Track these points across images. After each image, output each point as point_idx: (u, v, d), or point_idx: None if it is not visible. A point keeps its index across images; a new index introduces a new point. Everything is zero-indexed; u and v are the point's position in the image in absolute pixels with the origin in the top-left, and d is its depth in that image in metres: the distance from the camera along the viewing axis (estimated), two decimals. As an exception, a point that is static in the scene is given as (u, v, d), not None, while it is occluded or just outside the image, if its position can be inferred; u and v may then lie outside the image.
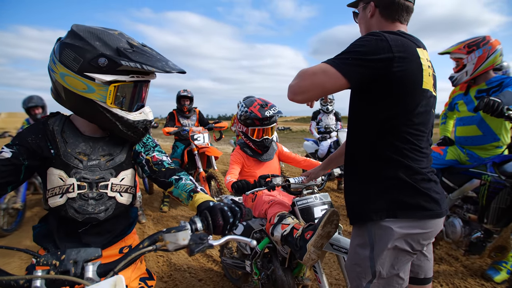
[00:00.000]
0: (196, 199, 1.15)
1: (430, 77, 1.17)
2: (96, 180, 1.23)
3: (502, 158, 2.29)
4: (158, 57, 1.13)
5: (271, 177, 1.71)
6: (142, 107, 1.24)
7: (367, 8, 1.30)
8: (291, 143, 15.66)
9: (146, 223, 4.22)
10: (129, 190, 1.32)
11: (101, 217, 1.24)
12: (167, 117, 4.97)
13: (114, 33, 1.13)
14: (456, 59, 2.56)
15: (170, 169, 1.32)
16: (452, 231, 2.56)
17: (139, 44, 1.15)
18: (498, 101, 1.99)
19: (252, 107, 2.18)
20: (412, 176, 1.15)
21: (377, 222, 1.16)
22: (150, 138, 1.41)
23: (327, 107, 5.84)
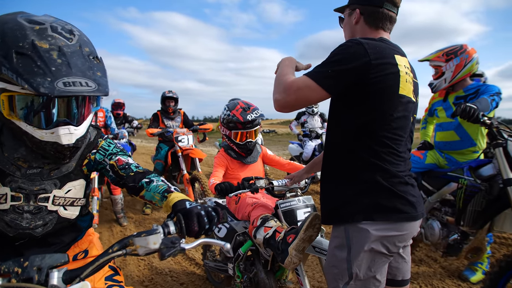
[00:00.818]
0: (171, 198, 1.06)
1: (408, 83, 1.20)
2: (34, 191, 1.06)
3: (478, 162, 2.37)
4: (73, 70, 0.88)
5: (255, 179, 1.71)
6: (67, 125, 0.98)
7: (353, 14, 1.33)
8: (277, 146, 15.72)
9: (128, 226, 4.14)
10: (76, 202, 1.17)
11: (37, 233, 1.09)
12: (151, 118, 4.90)
13: (34, 27, 0.90)
14: (435, 66, 2.65)
15: (139, 172, 1.19)
16: (430, 234, 2.62)
17: (52, 47, 0.89)
18: (474, 107, 2.07)
19: (235, 111, 2.18)
20: (389, 179, 1.17)
21: (354, 224, 1.17)
22: (113, 144, 1.26)
23: (313, 109, 5.90)
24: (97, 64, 0.97)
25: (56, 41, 0.90)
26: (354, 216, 1.17)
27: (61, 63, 0.88)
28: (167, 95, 4.79)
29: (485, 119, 2.11)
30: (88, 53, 0.96)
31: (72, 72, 0.88)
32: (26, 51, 0.86)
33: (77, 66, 0.90)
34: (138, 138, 18.51)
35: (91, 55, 0.97)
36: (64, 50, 0.90)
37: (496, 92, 2.41)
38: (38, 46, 0.87)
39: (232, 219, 2.11)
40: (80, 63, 0.91)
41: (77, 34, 0.97)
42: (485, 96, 2.37)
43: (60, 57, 0.88)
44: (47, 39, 0.89)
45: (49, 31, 0.91)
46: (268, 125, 48.38)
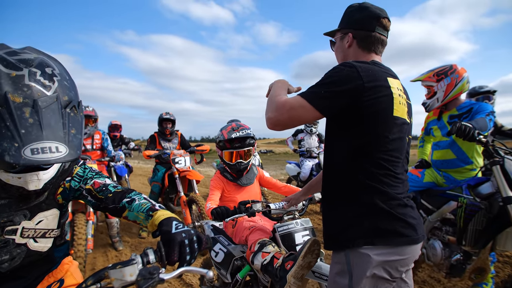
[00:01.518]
0: (157, 216, 1.01)
1: (401, 105, 1.21)
2: (1, 223, 0.98)
3: (476, 180, 2.36)
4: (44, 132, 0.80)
5: (251, 203, 1.69)
6: (37, 169, 0.93)
7: (345, 38, 1.35)
8: (274, 165, 15.68)
9: (123, 250, 4.03)
10: (48, 234, 1.09)
11: (3, 268, 1.00)
12: (148, 139, 4.90)
13: (11, 73, 0.81)
14: (427, 86, 2.71)
15: (117, 192, 1.13)
16: (432, 254, 2.57)
17: (26, 101, 0.80)
18: (469, 126, 2.09)
19: (224, 130, 2.23)
20: (387, 202, 1.16)
21: (355, 249, 1.15)
22: (88, 169, 1.20)
23: (311, 129, 5.92)
24: (73, 117, 0.89)
25: (32, 92, 0.81)
26: (355, 241, 1.15)
27: (32, 123, 0.79)
28: (164, 117, 4.81)
29: (481, 137, 2.12)
30: (65, 103, 0.87)
31: (43, 136, 0.80)
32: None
33: (49, 126, 0.81)
34: (135, 159, 18.42)
35: (69, 106, 0.88)
36: (38, 105, 0.81)
37: (490, 111, 2.45)
38: (11, 100, 0.78)
39: (230, 243, 2.06)
40: (54, 122, 0.83)
41: (57, 79, 0.88)
42: (481, 115, 2.39)
43: (33, 115, 0.80)
44: (22, 90, 0.80)
45: (26, 79, 0.82)
46: (266, 145, 48.39)
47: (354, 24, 1.32)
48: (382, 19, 1.30)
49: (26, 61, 0.85)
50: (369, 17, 1.29)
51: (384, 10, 1.32)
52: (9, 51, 0.88)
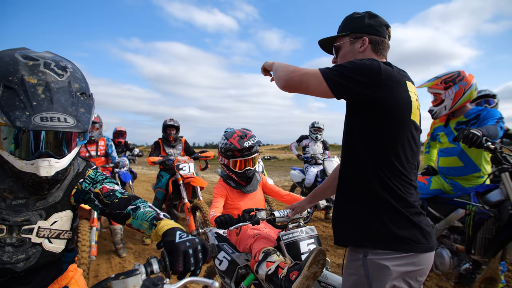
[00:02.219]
0: (160, 226, 1.00)
1: (417, 110, 1.22)
2: (18, 222, 1.02)
3: (485, 187, 2.32)
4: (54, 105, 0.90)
5: (255, 211, 1.66)
6: (47, 157, 0.97)
7: (358, 42, 1.34)
8: (278, 172, 15.63)
9: (127, 257, 4.01)
10: (62, 235, 1.13)
11: (18, 267, 1.03)
12: (152, 146, 4.91)
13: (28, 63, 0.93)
14: (434, 93, 2.66)
15: (124, 198, 1.14)
16: (441, 263, 2.52)
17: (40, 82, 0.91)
18: (477, 133, 2.05)
19: (232, 139, 2.18)
20: (406, 209, 1.15)
21: (373, 260, 1.13)
22: (99, 172, 1.24)
23: (317, 136, 5.90)
24: (83, 101, 1.00)
25: (46, 76, 0.93)
26: (374, 244, 1.14)
27: (44, 98, 0.90)
28: (169, 123, 4.82)
29: (489, 144, 2.09)
30: (76, 89, 0.99)
31: (53, 107, 0.90)
32: (13, 85, 0.89)
33: (60, 101, 0.92)
34: (139, 165, 18.48)
35: (79, 91, 1.00)
36: (51, 86, 0.92)
37: (499, 117, 2.41)
38: (26, 81, 0.90)
39: (234, 251, 2.04)
40: (64, 99, 0.93)
41: (69, 70, 1.00)
42: (491, 122, 2.35)
43: (45, 92, 0.91)
44: (37, 75, 0.92)
45: (41, 67, 0.94)
46: (269, 151, 48.34)
47: (368, 29, 1.33)
48: (389, 28, 1.35)
49: (43, 56, 0.98)
50: (381, 24, 1.33)
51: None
52: (28, 50, 1.01)
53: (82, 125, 0.95)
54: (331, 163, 5.13)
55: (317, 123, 5.97)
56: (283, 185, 9.80)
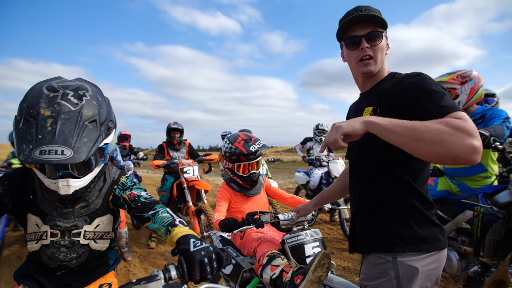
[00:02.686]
0: (175, 233, 1.08)
1: None
2: (68, 227, 1.24)
3: (493, 189, 2.28)
4: (56, 139, 0.99)
5: (259, 214, 1.65)
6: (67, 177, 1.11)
7: (386, 41, 1.25)
8: (283, 174, 15.59)
9: (132, 261, 4.01)
10: (105, 236, 1.32)
11: (72, 264, 1.25)
12: (156, 149, 4.92)
13: (49, 95, 1.05)
14: (449, 89, 2.56)
15: (146, 203, 1.28)
16: (448, 265, 2.48)
17: (52, 115, 1.02)
18: (485, 133, 2.03)
19: (237, 143, 2.15)
20: (429, 210, 1.17)
21: (403, 262, 1.12)
22: (129, 179, 1.40)
23: (321, 138, 5.88)
24: (90, 129, 1.07)
25: (60, 108, 1.03)
26: (403, 248, 1.13)
27: (50, 131, 1.00)
28: (173, 126, 4.83)
29: (497, 144, 2.06)
30: (86, 117, 1.07)
31: (54, 140, 0.99)
32: (31, 118, 1.02)
33: (63, 133, 1.01)
34: (143, 169, 18.57)
35: (89, 120, 1.08)
36: (60, 117, 1.02)
37: (505, 117, 2.37)
38: (41, 114, 1.02)
39: (238, 255, 2.02)
40: (68, 131, 1.02)
41: (86, 99, 1.09)
42: (497, 122, 2.32)
43: (52, 125, 1.01)
44: (53, 106, 1.03)
45: (59, 98, 1.05)
46: (273, 153, 48.26)
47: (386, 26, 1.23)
48: None
49: (66, 86, 1.09)
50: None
51: None
52: (59, 80, 1.14)
53: (79, 155, 1.01)
54: (335, 165, 5.09)
55: (321, 125, 5.95)
56: (287, 187, 9.77)
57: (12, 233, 4.73)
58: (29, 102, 1.05)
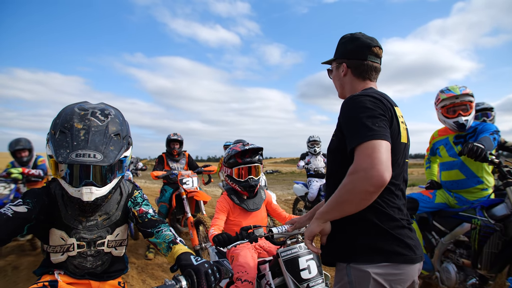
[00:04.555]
0: (176, 250, 1.22)
1: (404, 131, 1.27)
2: (94, 239, 1.36)
3: (490, 202, 2.30)
4: (89, 145, 1.17)
5: (253, 228, 1.65)
6: (90, 185, 1.24)
7: (340, 67, 1.42)
8: (281, 185, 15.54)
9: (130, 272, 3.96)
10: (123, 243, 1.47)
11: (98, 271, 1.40)
12: (156, 160, 4.93)
13: (81, 113, 1.24)
14: (467, 102, 2.53)
15: (152, 220, 1.42)
16: (446, 277, 2.47)
17: (84, 127, 1.20)
18: (481, 147, 2.06)
19: (234, 146, 2.24)
20: (387, 223, 1.19)
21: (355, 266, 1.18)
22: (140, 194, 1.53)
23: (315, 149, 5.92)
24: (115, 141, 1.26)
25: (90, 122, 1.22)
26: (355, 258, 1.19)
27: (83, 139, 1.18)
28: (172, 137, 4.85)
29: (493, 157, 2.09)
30: (112, 131, 1.26)
31: (87, 146, 1.17)
32: (66, 130, 1.19)
33: (94, 142, 1.19)
34: (142, 179, 18.50)
35: (114, 133, 1.26)
36: (92, 130, 1.21)
37: (494, 130, 2.42)
38: (75, 126, 1.20)
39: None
40: (98, 140, 1.20)
41: (111, 117, 1.29)
42: (486, 134, 2.36)
43: (85, 135, 1.19)
44: (84, 121, 1.22)
45: (89, 115, 1.24)
46: (272, 164, 48.12)
47: (347, 54, 1.38)
48: (373, 48, 1.35)
49: (94, 107, 1.29)
50: (361, 46, 1.35)
51: (375, 39, 1.37)
52: (87, 103, 1.34)
53: (108, 159, 1.19)
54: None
55: (313, 137, 6.05)
56: (286, 199, 9.73)
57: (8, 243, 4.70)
58: (63, 118, 1.22)
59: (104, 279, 1.43)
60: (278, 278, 1.79)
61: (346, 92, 1.42)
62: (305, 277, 1.65)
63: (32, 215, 1.22)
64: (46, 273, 1.36)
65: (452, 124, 2.58)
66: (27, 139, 4.54)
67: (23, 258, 4.37)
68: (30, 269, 3.88)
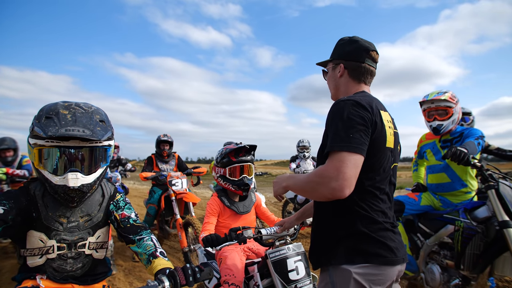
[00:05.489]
0: (155, 265, 1.24)
1: (391, 136, 1.28)
2: (75, 240, 1.34)
3: (473, 204, 2.36)
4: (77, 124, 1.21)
5: (242, 229, 1.66)
6: (75, 172, 1.25)
7: (337, 68, 1.43)
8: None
9: (117, 274, 3.92)
10: (104, 245, 1.45)
11: (78, 273, 1.37)
12: (145, 161, 4.88)
13: (64, 104, 1.28)
14: (446, 107, 2.61)
15: (134, 226, 1.42)
16: (431, 278, 2.53)
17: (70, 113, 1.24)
18: (464, 151, 2.12)
19: (227, 146, 2.25)
20: (369, 226, 1.22)
21: (336, 266, 1.22)
22: (122, 197, 1.52)
23: (304, 154, 5.99)
24: (101, 124, 1.30)
25: (75, 110, 1.26)
26: (337, 259, 1.22)
27: (70, 119, 1.22)
28: (162, 139, 4.82)
29: (475, 161, 2.15)
30: (97, 118, 1.31)
31: (76, 124, 1.21)
32: (51, 115, 1.23)
33: (82, 122, 1.24)
34: (131, 180, 18.26)
35: (99, 119, 1.31)
36: (77, 114, 1.25)
37: (480, 136, 2.49)
38: (61, 112, 1.24)
39: None
40: (85, 121, 1.25)
41: (94, 108, 1.35)
42: (471, 139, 2.43)
43: (72, 117, 1.23)
44: (69, 109, 1.26)
45: (73, 105, 1.29)
46: (262, 166, 48.12)
47: (345, 55, 1.40)
48: (371, 52, 1.38)
49: (76, 102, 1.33)
50: (359, 49, 1.37)
51: (372, 44, 1.40)
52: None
53: (96, 135, 1.23)
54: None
55: (302, 141, 6.13)
56: (276, 201, 9.74)
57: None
58: (47, 109, 1.25)
59: (88, 282, 1.40)
60: (266, 279, 1.80)
61: (340, 93, 1.43)
62: (293, 278, 1.67)
63: (9, 216, 1.19)
64: (27, 278, 1.31)
65: (429, 127, 2.73)
66: (12, 139, 4.44)
67: (5, 261, 4.26)
68: (13, 272, 3.78)
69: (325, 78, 1.53)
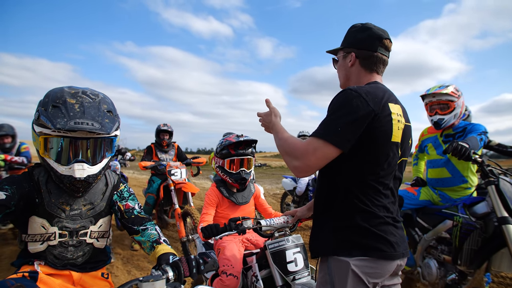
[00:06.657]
0: (158, 250, 1.25)
1: (399, 130, 1.23)
2: (77, 228, 1.34)
3: (472, 200, 2.36)
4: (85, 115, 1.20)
5: (242, 219, 1.66)
6: (82, 162, 1.25)
7: (348, 57, 1.37)
8: (270, 179, 15.60)
9: (115, 262, 3.95)
10: (105, 235, 1.45)
11: (78, 262, 1.37)
12: (144, 150, 4.87)
13: (71, 91, 1.27)
14: (447, 101, 2.60)
15: (138, 217, 1.43)
16: (428, 273, 2.54)
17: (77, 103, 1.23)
18: (465, 146, 2.10)
19: (227, 137, 2.22)
20: (370, 220, 1.21)
21: (334, 257, 1.21)
22: (126, 188, 1.52)
23: None
24: (109, 116, 1.30)
25: (82, 99, 1.25)
26: (336, 251, 1.22)
27: (79, 111, 1.21)
28: (162, 128, 4.80)
29: (476, 157, 2.14)
30: (104, 108, 1.30)
31: (84, 117, 1.20)
32: (58, 104, 1.21)
33: (90, 113, 1.22)
34: (130, 169, 18.29)
35: (106, 110, 1.31)
36: (85, 105, 1.24)
37: (483, 131, 2.47)
38: (68, 101, 1.22)
39: None
40: (93, 112, 1.24)
41: (101, 96, 1.33)
42: (474, 134, 2.41)
43: (80, 108, 1.22)
44: (76, 98, 1.25)
45: (80, 93, 1.28)
46: (262, 158, 48.18)
47: (357, 43, 1.34)
48: (384, 40, 1.32)
49: (83, 88, 1.32)
50: (372, 37, 1.31)
51: (386, 31, 1.34)
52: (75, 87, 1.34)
53: (105, 129, 1.22)
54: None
55: (302, 131, 6.16)
56: (274, 193, 9.79)
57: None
58: (53, 96, 1.23)
59: (86, 270, 1.41)
60: (264, 270, 1.81)
61: (350, 83, 1.38)
62: (292, 270, 1.67)
63: (11, 202, 1.18)
64: (26, 263, 1.32)
65: (430, 121, 2.72)
66: (10, 125, 4.42)
67: (5, 247, 4.28)
68: (12, 258, 3.80)
69: (335, 67, 1.47)
